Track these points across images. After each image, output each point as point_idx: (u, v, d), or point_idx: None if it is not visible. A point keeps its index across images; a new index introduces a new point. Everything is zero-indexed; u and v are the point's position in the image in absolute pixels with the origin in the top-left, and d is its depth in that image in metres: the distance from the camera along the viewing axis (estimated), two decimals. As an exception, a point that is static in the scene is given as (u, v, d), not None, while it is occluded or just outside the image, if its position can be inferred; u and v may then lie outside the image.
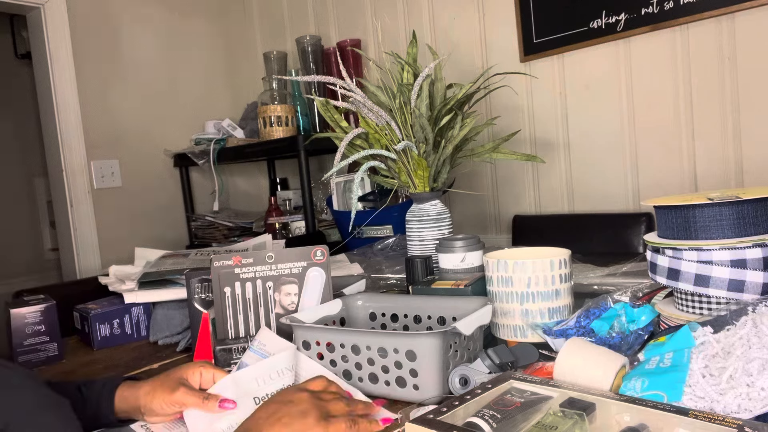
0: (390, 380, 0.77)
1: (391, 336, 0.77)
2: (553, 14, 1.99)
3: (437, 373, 0.74)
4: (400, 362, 0.76)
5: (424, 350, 0.74)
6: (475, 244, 1.11)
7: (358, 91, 1.29)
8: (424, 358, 0.74)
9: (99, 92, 2.55)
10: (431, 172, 1.31)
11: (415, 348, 0.74)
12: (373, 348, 0.78)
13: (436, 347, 0.74)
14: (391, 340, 0.76)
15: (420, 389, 0.75)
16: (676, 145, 1.82)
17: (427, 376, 0.74)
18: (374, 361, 0.78)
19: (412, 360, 0.75)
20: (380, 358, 0.77)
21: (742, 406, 0.57)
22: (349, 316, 0.99)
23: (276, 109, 2.35)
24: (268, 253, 0.99)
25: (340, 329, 0.85)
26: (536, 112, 2.09)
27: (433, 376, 0.74)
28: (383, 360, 0.77)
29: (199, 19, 2.92)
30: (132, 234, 2.60)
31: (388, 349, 0.76)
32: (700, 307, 0.82)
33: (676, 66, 1.78)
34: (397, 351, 0.76)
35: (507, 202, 2.21)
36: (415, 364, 0.75)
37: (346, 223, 1.95)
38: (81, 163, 2.47)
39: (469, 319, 0.79)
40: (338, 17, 2.66)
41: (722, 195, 0.83)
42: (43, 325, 1.10)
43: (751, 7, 1.63)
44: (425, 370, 0.74)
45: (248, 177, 3.09)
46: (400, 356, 0.76)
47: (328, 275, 1.00)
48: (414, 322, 0.95)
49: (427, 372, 0.74)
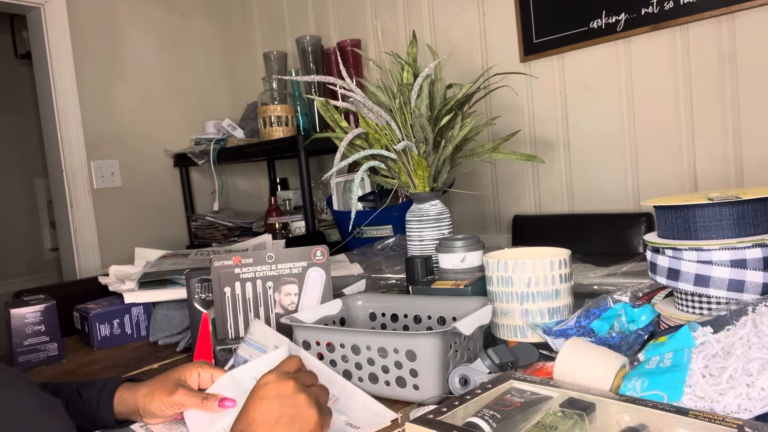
0: (390, 380, 0.77)
1: (391, 336, 0.77)
2: (553, 14, 1.99)
3: (437, 373, 0.74)
4: (400, 362, 0.76)
5: (424, 350, 0.74)
6: (475, 244, 1.11)
7: (358, 91, 1.29)
8: (424, 358, 0.74)
9: (99, 92, 2.55)
10: (431, 172, 1.31)
11: (415, 348, 0.74)
12: (373, 348, 0.78)
13: (436, 347, 0.74)
14: (391, 340, 0.76)
15: (420, 389, 0.75)
16: (676, 145, 1.82)
17: (427, 376, 0.74)
18: (374, 361, 0.78)
19: (412, 360, 0.75)
20: (380, 358, 0.77)
21: (742, 406, 0.57)
22: (349, 316, 0.99)
23: (276, 109, 2.35)
24: (268, 253, 0.99)
25: (340, 329, 0.85)
26: (536, 112, 2.09)
27: (433, 376, 0.74)
28: (383, 360, 0.77)
29: (199, 19, 2.93)
30: (132, 234, 2.60)
31: (388, 349, 0.76)
32: (700, 307, 0.82)
33: (676, 66, 1.78)
34: (397, 351, 0.76)
35: (507, 202, 2.21)
36: (415, 364, 0.75)
37: (346, 223, 1.95)
38: (81, 163, 2.47)
39: (469, 319, 0.79)
40: (338, 17, 2.66)
41: (722, 195, 0.83)
42: (43, 325, 1.10)
43: (751, 7, 1.63)
44: (425, 370, 0.74)
45: (248, 177, 3.09)
46: (400, 356, 0.76)
47: (328, 275, 1.01)
48: (414, 322, 0.95)
49: (427, 372, 0.74)
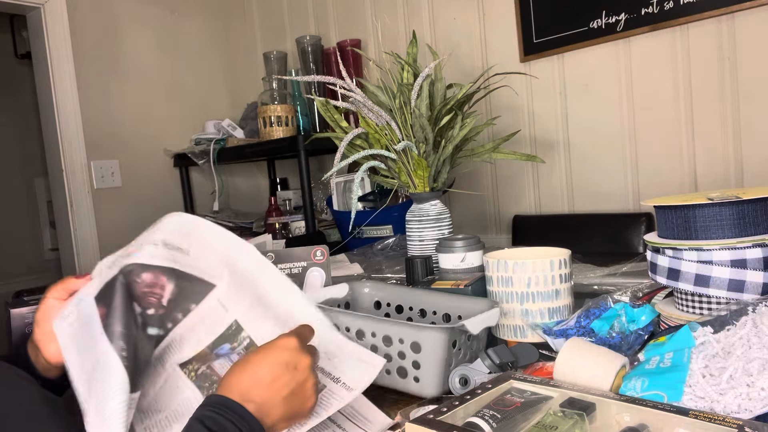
0: (391, 369, 0.77)
1: (398, 325, 0.77)
2: (553, 14, 1.99)
3: (439, 367, 0.74)
4: (403, 352, 0.76)
5: (430, 343, 0.74)
6: (475, 244, 1.11)
7: (358, 91, 1.29)
8: (429, 351, 0.74)
9: (99, 92, 2.55)
10: (431, 172, 1.31)
11: (421, 340, 0.74)
12: (378, 335, 0.78)
13: (442, 342, 0.74)
14: (398, 329, 0.76)
15: (420, 382, 0.75)
16: (676, 145, 1.82)
17: (428, 369, 0.74)
18: (378, 349, 0.78)
19: (416, 352, 0.75)
20: (384, 347, 0.77)
21: (742, 406, 0.57)
22: (355, 300, 0.99)
23: (276, 109, 2.35)
24: (268, 252, 0.99)
25: (348, 312, 0.85)
26: (536, 112, 2.09)
27: (434, 370, 0.74)
28: (387, 348, 0.77)
29: (199, 19, 2.92)
30: (132, 234, 2.54)
31: (394, 338, 0.76)
32: (700, 307, 0.82)
33: (676, 66, 1.78)
34: (403, 341, 0.76)
35: (507, 202, 2.21)
36: (419, 356, 0.75)
37: (346, 223, 1.95)
38: (81, 163, 2.47)
39: (478, 319, 0.79)
40: (338, 17, 2.66)
41: (722, 195, 0.83)
42: (43, 325, 1.10)
43: (751, 7, 1.63)
44: (428, 364, 0.74)
45: (248, 177, 3.09)
46: (404, 347, 0.76)
47: (328, 275, 1.01)
48: (419, 315, 0.95)
49: (430, 365, 0.74)
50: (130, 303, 0.65)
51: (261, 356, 0.60)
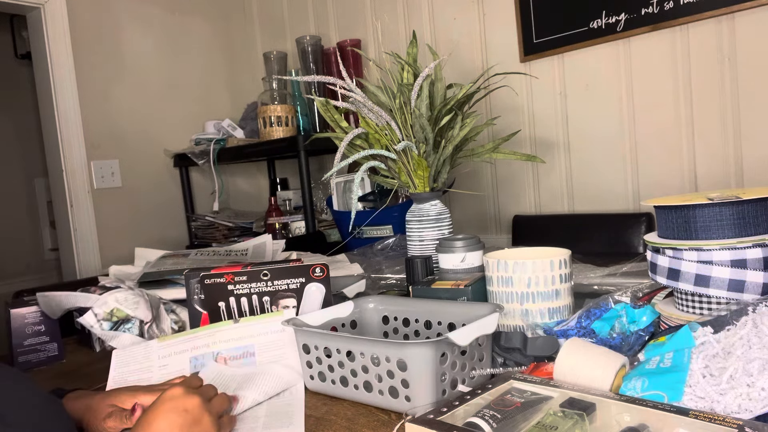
0: (383, 389, 0.73)
1: (380, 344, 0.73)
2: (553, 14, 1.99)
3: (430, 384, 0.69)
4: (392, 371, 0.71)
5: (415, 360, 0.69)
6: (475, 244, 1.11)
7: (358, 91, 1.29)
8: (415, 368, 0.69)
9: (99, 92, 2.55)
10: (431, 172, 1.31)
11: (406, 357, 0.70)
12: (366, 355, 0.74)
13: (428, 358, 0.69)
14: (382, 348, 0.72)
15: (412, 400, 0.71)
16: (676, 145, 1.82)
17: (418, 387, 0.70)
18: (368, 369, 0.74)
19: (403, 370, 0.70)
20: (374, 366, 0.73)
21: (742, 407, 0.57)
22: (362, 318, 0.95)
23: (276, 109, 2.35)
24: (263, 270, 0.94)
25: (333, 334, 0.80)
26: (536, 112, 2.09)
27: (425, 387, 0.69)
28: (376, 368, 0.73)
29: (199, 19, 2.93)
30: (132, 234, 2.60)
31: (381, 358, 0.72)
32: (700, 308, 0.82)
33: (676, 66, 1.78)
34: (389, 360, 0.71)
35: (507, 202, 2.21)
36: (406, 374, 0.70)
37: (346, 223, 1.95)
38: (81, 163, 2.47)
39: (467, 329, 0.73)
40: (338, 17, 2.66)
41: (722, 195, 0.83)
42: (43, 325, 1.10)
43: (751, 7, 1.63)
44: (417, 381, 0.70)
45: (248, 177, 3.09)
46: (391, 365, 0.71)
47: (329, 291, 0.97)
48: (425, 327, 0.92)
49: (419, 383, 0.69)
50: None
51: (154, 413, 0.63)
